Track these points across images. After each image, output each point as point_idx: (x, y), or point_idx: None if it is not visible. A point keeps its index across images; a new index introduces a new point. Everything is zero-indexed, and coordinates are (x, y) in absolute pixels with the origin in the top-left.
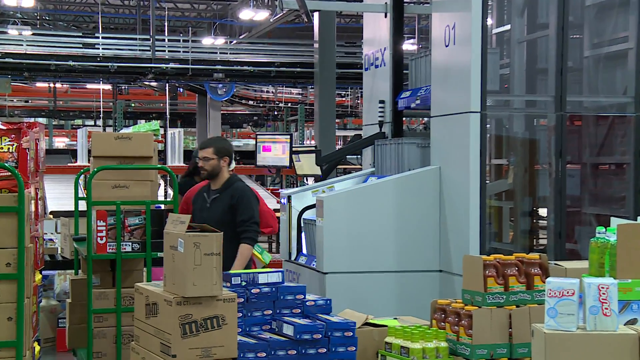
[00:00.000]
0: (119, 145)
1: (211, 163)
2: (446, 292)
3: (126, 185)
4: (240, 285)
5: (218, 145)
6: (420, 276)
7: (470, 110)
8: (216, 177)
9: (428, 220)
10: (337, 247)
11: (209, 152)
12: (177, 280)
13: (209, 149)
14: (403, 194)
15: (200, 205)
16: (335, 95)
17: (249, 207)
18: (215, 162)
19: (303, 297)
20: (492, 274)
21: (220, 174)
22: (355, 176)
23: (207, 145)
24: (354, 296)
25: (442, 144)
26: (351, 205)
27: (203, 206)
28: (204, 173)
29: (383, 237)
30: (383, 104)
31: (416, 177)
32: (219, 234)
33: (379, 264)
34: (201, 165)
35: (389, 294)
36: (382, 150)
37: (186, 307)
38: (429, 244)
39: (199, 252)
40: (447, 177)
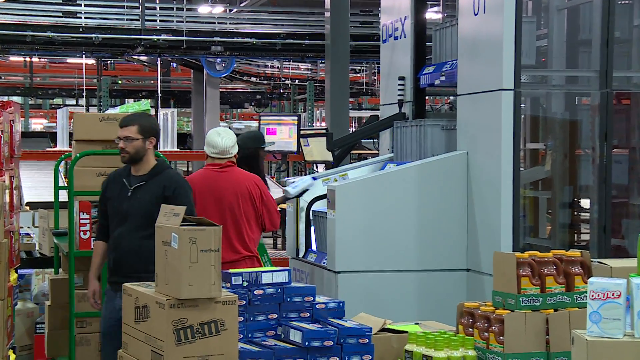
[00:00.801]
0: (105, 128)
1: (135, 144)
2: (474, 294)
3: None
4: (241, 285)
5: (143, 123)
6: (445, 276)
7: (503, 87)
8: (140, 161)
9: (454, 213)
10: (351, 242)
11: (133, 130)
12: (171, 280)
13: (132, 127)
14: (425, 183)
15: (118, 194)
16: (349, 71)
17: (187, 200)
18: (140, 144)
19: (312, 299)
20: (526, 274)
21: (146, 158)
22: (372, 163)
23: (130, 123)
24: (370, 298)
25: (470, 126)
26: (367, 195)
27: (122, 195)
28: (125, 156)
29: (403, 231)
30: (403, 80)
31: (440, 163)
32: (217, 228)
33: (398, 262)
34: (122, 146)
35: (410, 296)
36: (401, 134)
37: (181, 310)
38: (455, 240)
39: (195, 249)
40: (476, 164)
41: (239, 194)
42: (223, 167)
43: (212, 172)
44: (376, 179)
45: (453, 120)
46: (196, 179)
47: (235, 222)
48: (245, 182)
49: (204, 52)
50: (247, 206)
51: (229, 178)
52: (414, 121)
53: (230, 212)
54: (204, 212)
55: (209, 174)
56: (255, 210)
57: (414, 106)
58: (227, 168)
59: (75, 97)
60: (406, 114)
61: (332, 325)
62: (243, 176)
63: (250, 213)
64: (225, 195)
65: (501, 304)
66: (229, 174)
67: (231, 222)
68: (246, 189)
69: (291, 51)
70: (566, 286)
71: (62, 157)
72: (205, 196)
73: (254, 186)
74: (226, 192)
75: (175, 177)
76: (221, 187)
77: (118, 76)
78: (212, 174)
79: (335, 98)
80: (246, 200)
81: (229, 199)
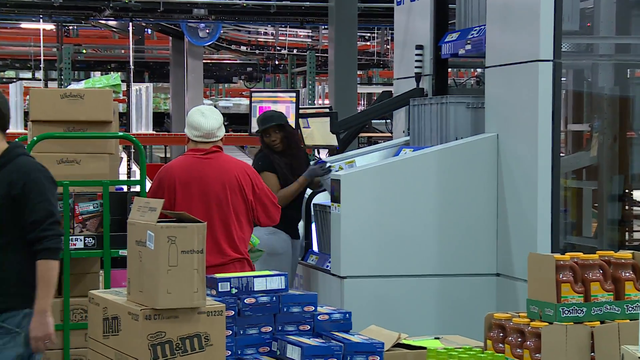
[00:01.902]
0: (67, 106)
1: None
2: (505, 303)
3: (76, 159)
4: (229, 293)
5: None
6: (470, 282)
7: (540, 58)
8: None
9: (482, 207)
10: (360, 242)
11: None
12: (146, 287)
13: None
14: (448, 172)
15: None
16: (357, 39)
17: (43, 199)
18: None
19: (313, 309)
20: (567, 279)
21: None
22: (384, 147)
23: None
24: (382, 308)
25: (501, 104)
26: (378, 186)
27: None
28: None
29: (421, 229)
30: (421, 50)
31: (466, 148)
32: (201, 225)
33: (415, 266)
34: None
35: (429, 305)
36: (419, 113)
37: (158, 322)
38: (483, 239)
39: (175, 249)
40: (508, 149)
41: (227, 185)
42: (208, 153)
43: (195, 159)
44: (389, 167)
45: (481, 97)
46: (176, 167)
47: (223, 218)
48: (234, 171)
49: (184, 15)
50: (237, 199)
51: (215, 166)
52: (434, 98)
53: (216, 207)
54: (185, 206)
55: (191, 162)
56: (245, 205)
57: (434, 80)
58: (213, 154)
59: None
60: (425, 89)
61: (336, 340)
62: (232, 164)
63: (240, 208)
64: (210, 187)
65: (537, 315)
66: (214, 161)
67: (218, 219)
68: (235, 179)
69: (288, 15)
70: (615, 294)
71: (15, 140)
72: (186, 188)
73: (245, 175)
74: (212, 183)
75: (25, 167)
76: (206, 176)
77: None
78: (195, 161)
79: (341, 71)
80: (235, 193)
81: (215, 191)
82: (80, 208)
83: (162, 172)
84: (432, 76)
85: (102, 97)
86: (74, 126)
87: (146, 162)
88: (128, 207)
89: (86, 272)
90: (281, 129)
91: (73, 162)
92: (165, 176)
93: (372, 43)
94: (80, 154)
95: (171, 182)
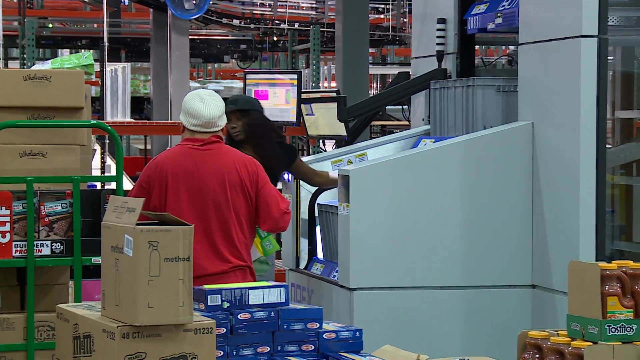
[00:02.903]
0: (30, 90)
1: None
2: (542, 319)
3: (42, 152)
4: (220, 307)
5: None
6: (501, 294)
7: (582, 33)
8: None
9: (514, 207)
10: (372, 248)
11: None
12: (123, 301)
13: None
14: (475, 166)
15: None
16: (369, 12)
17: None
18: None
19: (318, 327)
20: (615, 291)
21: None
22: (400, 138)
23: None
24: (398, 325)
25: (536, 86)
26: (393, 183)
27: None
28: None
29: (444, 233)
30: (444, 24)
31: (495, 139)
32: (187, 228)
33: (437, 276)
34: None
35: (453, 322)
36: (442, 98)
37: (137, 341)
38: (516, 245)
39: (157, 256)
40: (545, 139)
41: (227, 181)
42: (206, 144)
43: (191, 151)
44: (406, 161)
45: (513, 79)
46: (168, 160)
47: (222, 219)
48: (236, 165)
49: None
50: (238, 198)
51: (214, 159)
52: (459, 80)
53: (215, 207)
54: (179, 206)
55: (187, 154)
56: (248, 204)
57: (458, 60)
58: (212, 145)
59: None
60: (448, 70)
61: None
62: (233, 156)
63: (241, 208)
64: (208, 183)
65: (579, 333)
66: (213, 153)
67: (216, 220)
68: (236, 174)
69: None
70: None
71: None
72: (180, 184)
73: (247, 170)
74: (210, 179)
75: None
76: (203, 171)
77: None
78: (191, 153)
79: (350, 48)
80: (236, 190)
81: (213, 189)
82: (47, 208)
83: (151, 165)
84: (456, 55)
85: (71, 80)
86: (39, 113)
87: (123, 154)
88: (102, 207)
89: (53, 283)
90: (244, 115)
91: (38, 155)
92: (156, 170)
93: (387, 16)
94: (46, 145)
95: (162, 177)
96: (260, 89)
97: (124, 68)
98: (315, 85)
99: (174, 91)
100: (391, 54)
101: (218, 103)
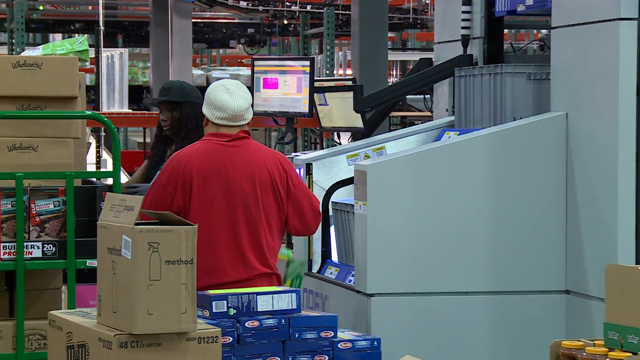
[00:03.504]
0: (20, 78)
1: None
2: (577, 327)
3: (32, 145)
4: (226, 314)
5: None
6: (532, 300)
7: (621, 16)
8: None
9: (547, 206)
10: (391, 250)
11: None
12: (121, 307)
13: None
14: (503, 161)
15: None
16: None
17: None
18: None
19: (332, 335)
20: None
21: None
22: (422, 130)
23: None
24: (420, 333)
25: (571, 74)
26: (414, 179)
27: None
28: None
29: (469, 233)
30: (469, 6)
31: (526, 131)
32: (190, 228)
33: (462, 280)
34: None
35: (480, 331)
36: (467, 87)
37: (136, 351)
38: (548, 247)
39: (158, 259)
40: (580, 132)
41: (257, 181)
42: (233, 140)
43: (218, 147)
44: (428, 155)
45: (545, 66)
46: (193, 156)
47: (251, 223)
48: (267, 162)
49: None
50: (268, 199)
51: (243, 157)
52: (487, 67)
53: (243, 208)
54: (205, 208)
55: (213, 150)
56: (278, 205)
57: (485, 45)
58: (240, 141)
59: None
60: (474, 56)
61: None
62: (263, 153)
63: (271, 209)
64: (237, 184)
65: (618, 343)
66: (242, 149)
67: (244, 224)
68: (267, 173)
69: None
70: None
71: None
72: (207, 184)
73: (278, 168)
74: (239, 179)
75: None
76: (231, 169)
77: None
78: (218, 149)
79: (368, 32)
80: (266, 190)
81: (242, 190)
82: (38, 207)
83: (174, 161)
84: (483, 39)
85: (64, 67)
86: (29, 103)
87: (121, 148)
88: (98, 205)
89: (45, 288)
90: (176, 107)
91: (28, 149)
92: (179, 168)
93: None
94: (37, 138)
95: (187, 175)
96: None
97: (121, 54)
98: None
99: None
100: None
101: (245, 94)
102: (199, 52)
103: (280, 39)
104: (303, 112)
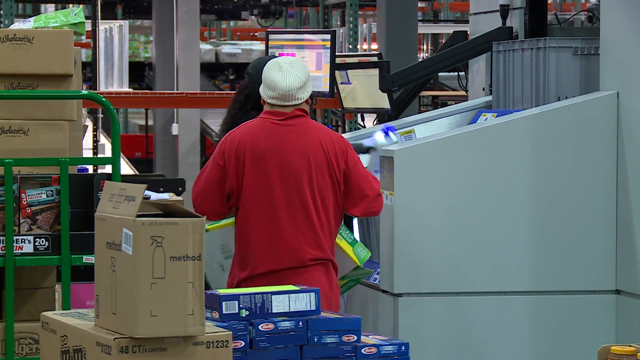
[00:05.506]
0: (9, 54)
1: None
2: (628, 330)
3: (23, 128)
4: (238, 316)
5: None
6: (579, 301)
7: None
8: None
9: (595, 197)
10: (421, 246)
11: None
12: (121, 308)
13: None
14: (547, 146)
15: None
16: None
17: None
18: None
19: (356, 339)
20: None
21: None
22: (455, 112)
23: None
24: (453, 337)
25: (622, 49)
26: (447, 166)
27: None
28: None
29: (509, 227)
30: None
31: (572, 112)
32: (197, 221)
33: (500, 279)
34: None
35: (520, 334)
36: (506, 63)
37: (138, 357)
38: (597, 243)
39: (162, 255)
40: (632, 113)
41: (312, 161)
42: (288, 119)
43: (272, 126)
44: (463, 139)
45: (594, 40)
46: (247, 135)
47: (305, 206)
48: (322, 143)
49: None
50: (324, 180)
51: (298, 136)
52: (528, 41)
53: (297, 190)
54: (257, 190)
55: (267, 129)
56: (335, 189)
57: (527, 16)
58: (295, 120)
59: None
60: (514, 29)
61: None
62: (319, 132)
63: (328, 192)
64: (291, 162)
65: None
66: (297, 128)
67: (299, 206)
68: (323, 153)
69: None
70: None
71: None
72: (260, 164)
73: (335, 148)
74: (292, 157)
75: None
76: (285, 148)
77: None
78: (272, 128)
79: (395, 2)
80: (322, 171)
81: (296, 169)
82: (29, 197)
83: (227, 140)
84: (524, 10)
85: (58, 41)
86: (19, 82)
87: (120, 132)
88: (96, 195)
89: (37, 287)
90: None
91: (18, 133)
92: (232, 146)
93: None
94: (28, 120)
95: (239, 155)
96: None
97: (120, 27)
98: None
99: (181, 55)
100: (445, 9)
101: (298, 72)
102: (207, 25)
103: (298, 9)
104: (323, 92)
